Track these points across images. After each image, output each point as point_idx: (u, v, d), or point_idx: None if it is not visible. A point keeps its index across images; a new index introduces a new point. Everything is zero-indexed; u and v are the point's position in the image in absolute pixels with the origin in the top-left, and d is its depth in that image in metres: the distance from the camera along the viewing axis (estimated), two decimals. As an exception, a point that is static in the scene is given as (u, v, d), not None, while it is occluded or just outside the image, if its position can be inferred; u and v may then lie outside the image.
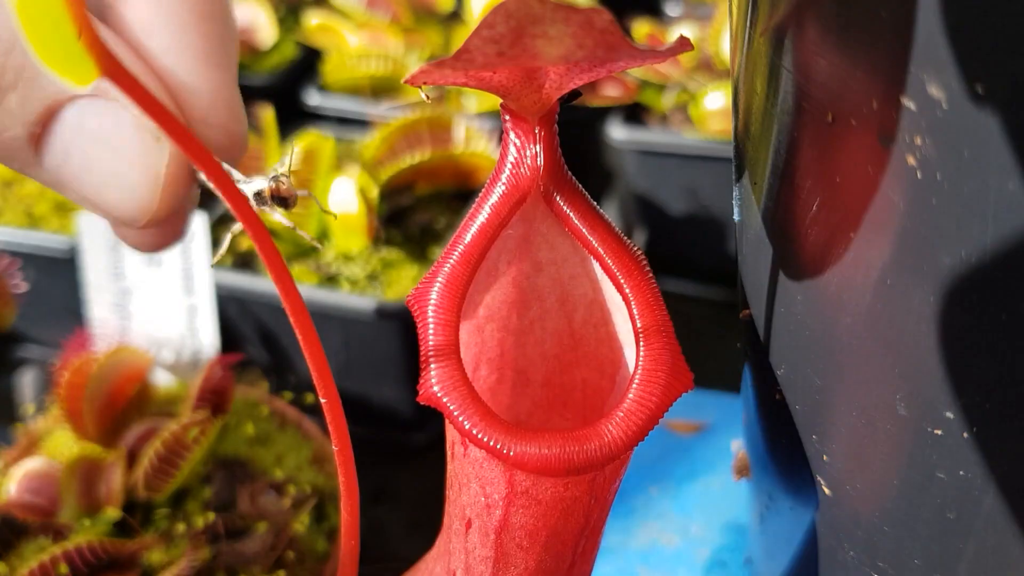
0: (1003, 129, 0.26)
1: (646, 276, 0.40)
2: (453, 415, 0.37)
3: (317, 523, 0.79)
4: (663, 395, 0.37)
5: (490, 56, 0.29)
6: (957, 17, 0.26)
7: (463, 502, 0.41)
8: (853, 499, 0.41)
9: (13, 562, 0.71)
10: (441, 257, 0.40)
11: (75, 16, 0.25)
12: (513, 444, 0.36)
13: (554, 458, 0.36)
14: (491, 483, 0.39)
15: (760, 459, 0.54)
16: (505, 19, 0.27)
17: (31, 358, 1.16)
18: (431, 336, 0.38)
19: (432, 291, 0.39)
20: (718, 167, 1.17)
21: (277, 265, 0.34)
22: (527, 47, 0.29)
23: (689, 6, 1.51)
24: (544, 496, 0.39)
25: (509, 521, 0.40)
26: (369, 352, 0.97)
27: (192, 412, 0.79)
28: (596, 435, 0.36)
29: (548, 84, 0.35)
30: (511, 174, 0.39)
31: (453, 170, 1.09)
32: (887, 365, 0.35)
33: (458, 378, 0.37)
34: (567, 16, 0.28)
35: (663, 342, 0.38)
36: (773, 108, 0.37)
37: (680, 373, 0.38)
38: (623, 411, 0.37)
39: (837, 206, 0.34)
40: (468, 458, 0.39)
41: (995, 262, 0.29)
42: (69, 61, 0.26)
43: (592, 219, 0.40)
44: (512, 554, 0.41)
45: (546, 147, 0.39)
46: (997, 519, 0.34)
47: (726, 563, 0.74)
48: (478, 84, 0.34)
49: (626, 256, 0.40)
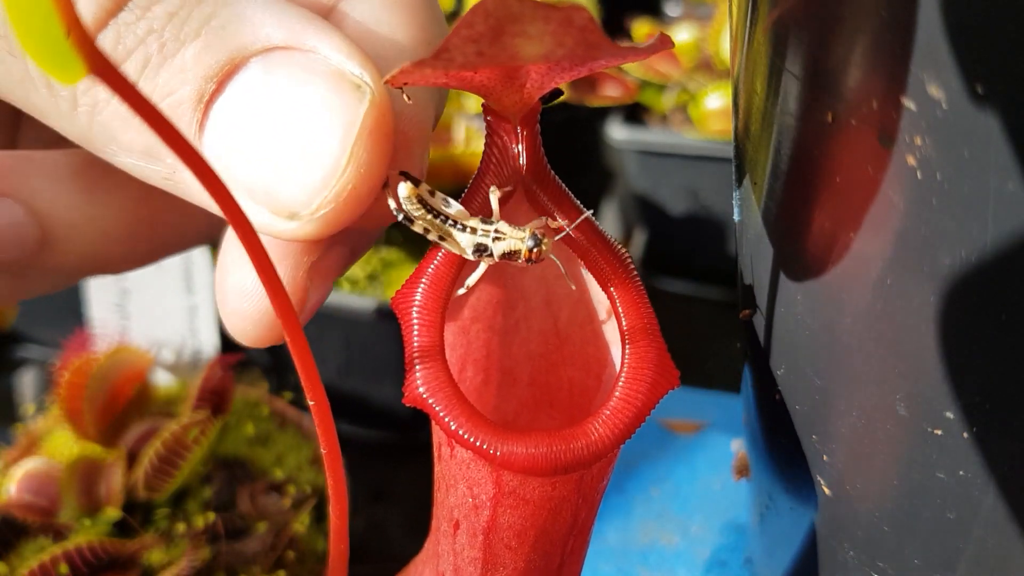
0: (1003, 129, 0.26)
1: (631, 275, 0.40)
2: (439, 416, 0.37)
3: (317, 523, 0.79)
4: (649, 393, 0.37)
5: (470, 55, 0.29)
6: (957, 17, 0.26)
7: (450, 503, 0.41)
8: (853, 499, 0.41)
9: (13, 562, 0.71)
10: (424, 259, 0.39)
11: (63, 14, 0.25)
12: (500, 444, 0.36)
13: (541, 457, 0.36)
14: (478, 484, 0.39)
15: (760, 459, 0.54)
16: (484, 18, 0.27)
17: (31, 358, 1.16)
18: (415, 338, 0.38)
19: (416, 293, 0.39)
20: (718, 167, 1.17)
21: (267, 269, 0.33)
22: (506, 46, 0.29)
23: (689, 6, 1.51)
24: (532, 496, 0.39)
25: (497, 521, 0.40)
26: (369, 352, 0.97)
27: (192, 412, 0.79)
28: (583, 434, 0.36)
29: (529, 83, 0.35)
30: (493, 174, 0.39)
31: (453, 170, 1.10)
32: (887, 365, 0.35)
33: (443, 379, 0.37)
34: (546, 15, 0.27)
35: (649, 340, 0.38)
36: (773, 108, 0.37)
37: (666, 371, 0.38)
38: (609, 409, 0.37)
39: (837, 206, 0.34)
40: (455, 459, 0.39)
41: (995, 262, 0.29)
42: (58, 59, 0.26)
43: (575, 218, 0.40)
44: (501, 555, 0.41)
45: (528, 146, 0.39)
46: (997, 519, 0.34)
47: (726, 563, 0.74)
48: (459, 84, 0.34)
49: (610, 255, 0.40)
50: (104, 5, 0.34)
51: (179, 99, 0.35)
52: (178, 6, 0.35)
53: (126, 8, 0.35)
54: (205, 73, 0.34)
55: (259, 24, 0.36)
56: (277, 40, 0.35)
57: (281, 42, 0.35)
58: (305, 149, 0.35)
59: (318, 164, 0.35)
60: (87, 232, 0.46)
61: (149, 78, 0.35)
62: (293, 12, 0.37)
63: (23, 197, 0.45)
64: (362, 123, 0.35)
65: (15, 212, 0.44)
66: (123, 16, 0.35)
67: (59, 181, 0.46)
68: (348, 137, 0.35)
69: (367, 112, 0.35)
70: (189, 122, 0.35)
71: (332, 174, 0.35)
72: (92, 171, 0.46)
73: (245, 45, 0.35)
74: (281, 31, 0.36)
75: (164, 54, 0.35)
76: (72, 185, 0.46)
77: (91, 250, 0.47)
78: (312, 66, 0.35)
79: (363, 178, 0.35)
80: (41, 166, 0.46)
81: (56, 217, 0.45)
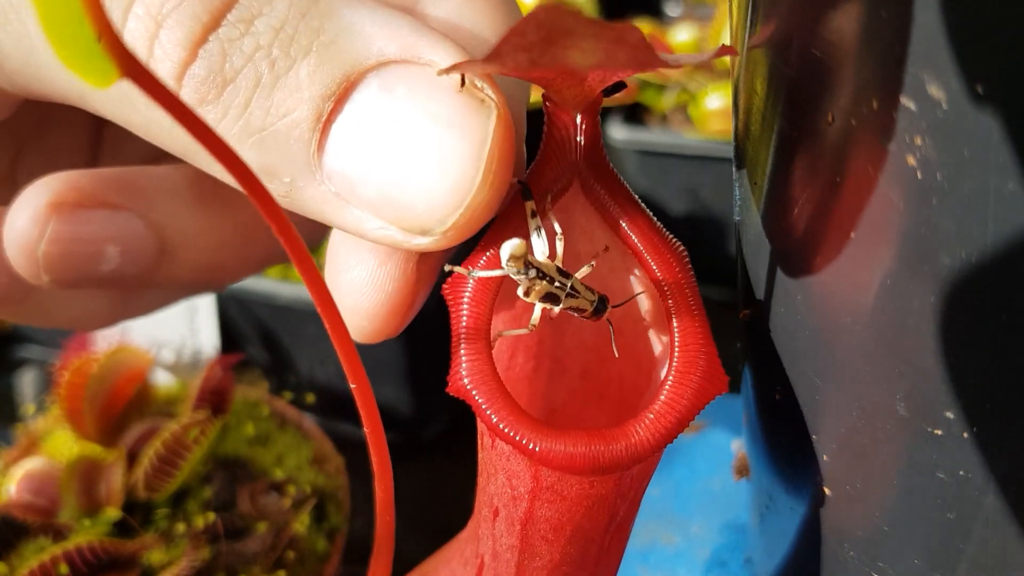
0: (1003, 129, 0.26)
1: (686, 274, 0.39)
2: (481, 408, 0.36)
3: (317, 523, 0.79)
4: (694, 398, 0.37)
5: (521, 63, 0.29)
6: (957, 17, 0.26)
7: (491, 491, 0.41)
8: (853, 499, 0.41)
9: (13, 562, 0.71)
10: (475, 252, 0.39)
11: (94, 17, 0.25)
12: (539, 440, 0.35)
13: (579, 456, 0.35)
14: (517, 476, 0.39)
15: (760, 459, 0.54)
16: (536, 28, 0.27)
17: (31, 358, 1.16)
18: (463, 329, 0.37)
19: (467, 284, 0.38)
20: (718, 167, 1.17)
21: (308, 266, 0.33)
22: (559, 56, 0.28)
23: (689, 6, 1.52)
24: (569, 492, 0.38)
25: (534, 514, 0.40)
26: (370, 351, 0.97)
27: (192, 412, 0.79)
28: (623, 435, 0.36)
29: (592, 76, 0.34)
30: (551, 166, 0.38)
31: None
32: (887, 365, 0.35)
33: (487, 371, 0.37)
34: (598, 31, 0.27)
35: (699, 343, 0.38)
36: (773, 108, 0.37)
37: (714, 377, 0.37)
38: (653, 412, 0.36)
39: (837, 206, 0.34)
40: (495, 450, 0.39)
41: (995, 262, 0.29)
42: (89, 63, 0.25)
43: (633, 213, 0.39)
44: (537, 545, 0.41)
45: (588, 138, 0.38)
46: (997, 519, 0.34)
47: (726, 563, 0.74)
48: (519, 74, 0.34)
49: (667, 253, 0.39)
50: (201, 19, 0.33)
51: (296, 120, 0.34)
52: (282, 20, 0.34)
53: (225, 23, 0.33)
54: (322, 92, 0.33)
55: (370, 37, 0.35)
56: (391, 53, 0.34)
57: (395, 55, 0.34)
58: (436, 168, 0.34)
59: (452, 183, 0.34)
60: (204, 242, 0.47)
61: (262, 98, 0.34)
62: (401, 21, 0.36)
63: (142, 210, 0.45)
64: (492, 139, 0.34)
65: (135, 225, 0.45)
66: (224, 31, 0.33)
67: (176, 193, 0.46)
68: (481, 155, 0.34)
69: (495, 127, 0.34)
70: (308, 143, 0.34)
71: (467, 192, 0.34)
72: (206, 183, 0.46)
73: (359, 60, 0.34)
74: (394, 44, 0.35)
75: (276, 73, 0.34)
76: (188, 197, 0.47)
77: (207, 260, 0.47)
78: (434, 80, 0.34)
79: (495, 191, 0.35)
80: (158, 179, 0.47)
81: (174, 228, 0.46)
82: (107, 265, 0.44)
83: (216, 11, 0.34)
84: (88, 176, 0.44)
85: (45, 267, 0.42)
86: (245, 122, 0.34)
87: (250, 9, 0.34)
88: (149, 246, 0.45)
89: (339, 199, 0.35)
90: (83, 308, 0.51)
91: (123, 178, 0.46)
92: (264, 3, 0.34)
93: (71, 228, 0.43)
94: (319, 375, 1.03)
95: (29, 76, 0.39)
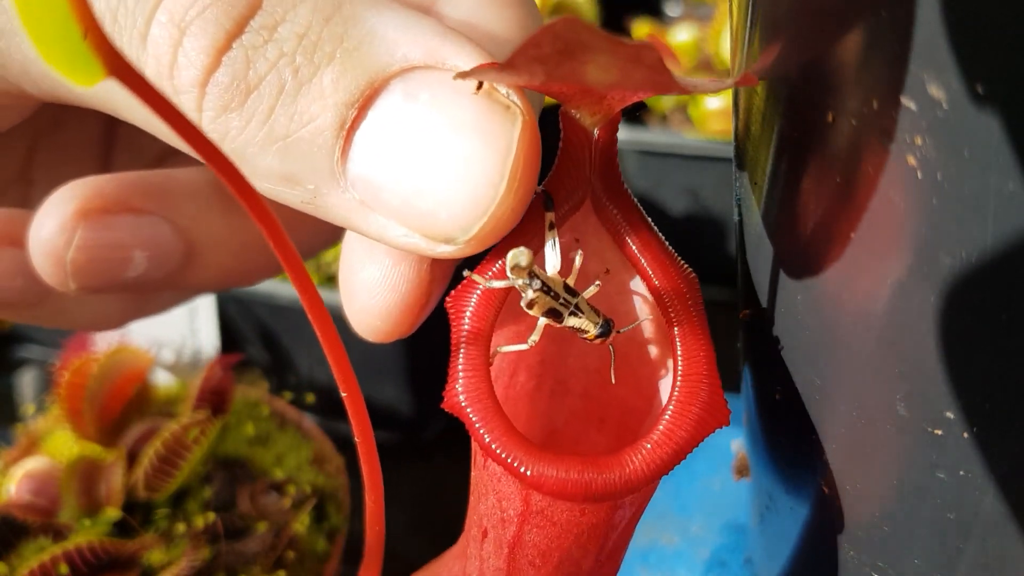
0: (1003, 129, 0.26)
1: (695, 300, 0.38)
2: (475, 427, 0.36)
3: (317, 523, 0.79)
4: (693, 431, 0.36)
5: (536, 75, 0.28)
6: (957, 17, 0.26)
7: (481, 511, 0.41)
8: (853, 499, 0.41)
9: (13, 562, 0.71)
10: (481, 264, 0.38)
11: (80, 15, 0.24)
12: (531, 464, 0.35)
13: (571, 483, 0.35)
14: (507, 498, 0.38)
15: (760, 459, 0.54)
16: (552, 40, 0.26)
17: (31, 358, 1.16)
18: (463, 345, 0.37)
19: (470, 298, 0.37)
20: (718, 167, 1.17)
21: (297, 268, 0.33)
22: (575, 71, 0.28)
23: (689, 6, 1.52)
24: (559, 519, 0.37)
25: (523, 538, 0.39)
26: (369, 352, 0.97)
27: (192, 412, 0.79)
28: (618, 464, 0.35)
29: (611, 96, 0.33)
30: (563, 181, 0.38)
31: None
32: (887, 365, 0.35)
33: (484, 390, 0.36)
34: (614, 48, 0.26)
35: (702, 373, 0.37)
36: (773, 108, 0.37)
37: (715, 409, 0.36)
38: (650, 442, 0.36)
39: (837, 206, 0.34)
40: (487, 470, 0.38)
41: (995, 262, 0.29)
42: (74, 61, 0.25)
43: (644, 236, 0.39)
44: (524, 570, 0.40)
45: (603, 156, 0.37)
46: (997, 519, 0.34)
47: (726, 563, 0.74)
48: (538, 87, 0.33)
49: (676, 278, 0.38)
50: (225, 26, 0.33)
51: (319, 127, 0.33)
52: (306, 27, 0.34)
53: (249, 30, 0.33)
54: (346, 99, 0.33)
55: (393, 43, 0.34)
56: (415, 59, 0.34)
57: (419, 61, 0.34)
58: (460, 176, 0.33)
59: (477, 191, 0.34)
60: (229, 245, 0.47)
61: (286, 105, 0.33)
62: (424, 26, 0.35)
63: (168, 214, 0.45)
64: (517, 146, 0.34)
65: (162, 230, 0.45)
66: (248, 38, 0.33)
67: (200, 196, 0.46)
68: (506, 163, 0.34)
69: (520, 135, 0.34)
70: (331, 150, 0.34)
71: (491, 200, 0.34)
72: None
73: (383, 67, 0.34)
74: (417, 49, 0.34)
75: (299, 80, 0.33)
76: (212, 200, 0.47)
77: (232, 263, 0.47)
78: (458, 87, 0.34)
79: (519, 200, 0.35)
80: (182, 182, 0.47)
81: (199, 232, 0.46)
82: (134, 271, 0.44)
83: (240, 18, 0.33)
84: (113, 181, 0.44)
85: (73, 274, 0.42)
86: (269, 129, 0.34)
87: (273, 15, 0.34)
88: (176, 250, 0.45)
89: (363, 206, 0.35)
90: (98, 310, 0.51)
91: (148, 182, 0.45)
92: (288, 9, 0.34)
93: (98, 235, 0.42)
94: (319, 375, 1.03)
95: (55, 81, 0.38)
